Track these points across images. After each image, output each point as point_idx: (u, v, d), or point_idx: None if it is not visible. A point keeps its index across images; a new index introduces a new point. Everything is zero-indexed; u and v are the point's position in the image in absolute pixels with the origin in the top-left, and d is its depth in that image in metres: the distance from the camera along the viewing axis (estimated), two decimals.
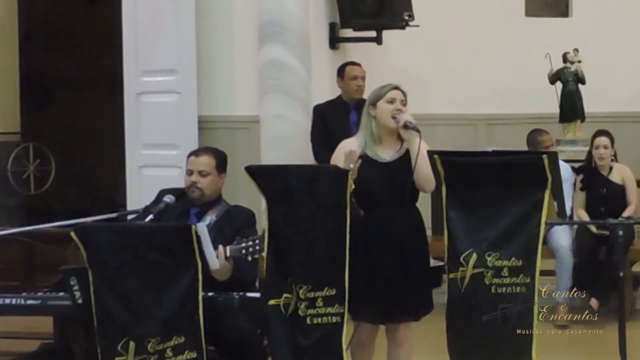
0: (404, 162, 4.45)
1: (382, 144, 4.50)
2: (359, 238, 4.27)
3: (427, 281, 4.52)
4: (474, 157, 4.35)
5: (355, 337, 4.55)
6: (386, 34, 7.85)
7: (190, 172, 4.62)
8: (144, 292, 3.92)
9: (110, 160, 9.70)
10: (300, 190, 4.20)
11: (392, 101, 4.48)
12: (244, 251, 4.18)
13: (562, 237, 6.68)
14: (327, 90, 7.30)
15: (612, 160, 6.95)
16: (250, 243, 4.18)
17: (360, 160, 4.32)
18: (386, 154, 4.50)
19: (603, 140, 6.87)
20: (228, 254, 4.18)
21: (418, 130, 4.39)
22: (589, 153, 7.02)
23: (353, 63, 7.04)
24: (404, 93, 4.54)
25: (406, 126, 4.40)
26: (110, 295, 3.92)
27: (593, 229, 6.75)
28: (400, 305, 4.45)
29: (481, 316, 4.12)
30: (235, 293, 4.19)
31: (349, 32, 7.91)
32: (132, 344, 3.87)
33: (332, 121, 6.78)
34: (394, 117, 4.45)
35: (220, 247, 4.16)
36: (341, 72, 7.00)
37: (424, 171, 4.37)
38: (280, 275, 4.20)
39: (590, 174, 6.96)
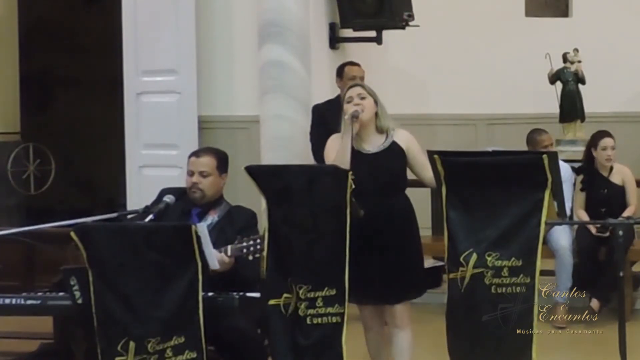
0: (390, 152, 4.63)
1: (363, 139, 4.62)
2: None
3: (414, 265, 4.62)
4: (474, 157, 4.35)
5: (362, 322, 4.73)
6: (386, 34, 7.84)
7: (191, 173, 4.62)
8: (144, 292, 3.92)
9: (110, 160, 9.70)
10: (300, 190, 4.21)
11: (349, 100, 4.66)
12: (244, 250, 4.19)
13: (562, 237, 6.67)
14: (327, 90, 7.30)
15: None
16: (252, 242, 4.19)
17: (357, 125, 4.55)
18: (371, 146, 4.65)
19: (610, 141, 6.84)
20: (229, 253, 4.19)
21: (355, 117, 4.56)
22: (588, 153, 6.97)
23: (352, 63, 7.03)
24: (362, 86, 4.76)
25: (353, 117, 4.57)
26: (110, 295, 3.92)
27: (593, 229, 6.74)
28: (388, 288, 4.54)
29: (481, 316, 4.12)
30: (235, 293, 4.18)
31: (349, 32, 7.91)
32: (132, 344, 3.87)
33: (331, 121, 6.73)
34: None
35: (222, 254, 4.16)
36: (340, 72, 7.00)
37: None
38: (280, 275, 4.21)
39: (591, 175, 6.94)
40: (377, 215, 4.50)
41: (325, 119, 6.83)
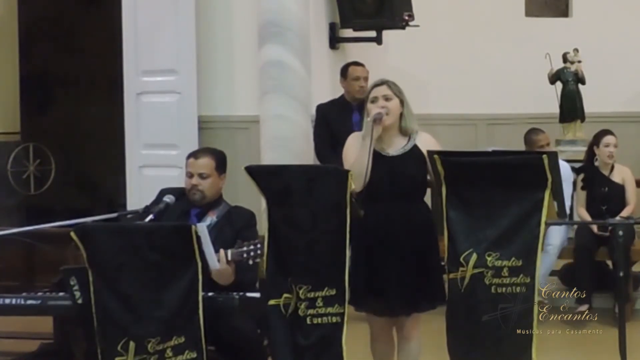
0: (410, 156, 4.45)
1: (385, 140, 4.46)
2: (364, 230, 4.29)
3: (433, 276, 4.46)
4: (474, 157, 4.35)
5: (370, 332, 4.64)
6: (386, 34, 7.85)
7: (190, 175, 4.60)
8: (144, 292, 3.93)
9: (110, 160, 9.69)
10: (300, 190, 4.20)
11: (374, 100, 4.45)
12: (245, 255, 4.18)
13: (553, 235, 6.69)
14: (327, 90, 7.30)
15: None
16: (252, 247, 4.18)
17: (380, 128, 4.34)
18: (392, 148, 4.48)
19: (613, 139, 6.88)
20: (229, 258, 4.18)
21: (378, 119, 4.34)
22: (590, 152, 6.99)
23: (356, 63, 7.03)
24: (389, 85, 4.48)
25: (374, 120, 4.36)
26: (110, 295, 3.92)
27: (594, 228, 6.75)
28: (402, 298, 4.43)
29: (481, 316, 4.12)
30: (235, 293, 4.19)
31: (349, 32, 7.91)
32: (132, 344, 3.88)
33: (335, 121, 6.79)
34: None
35: (222, 251, 4.16)
36: (344, 72, 7.01)
37: None
38: (280, 275, 4.20)
39: (592, 173, 6.96)
40: (393, 222, 4.39)
41: (329, 119, 6.86)
